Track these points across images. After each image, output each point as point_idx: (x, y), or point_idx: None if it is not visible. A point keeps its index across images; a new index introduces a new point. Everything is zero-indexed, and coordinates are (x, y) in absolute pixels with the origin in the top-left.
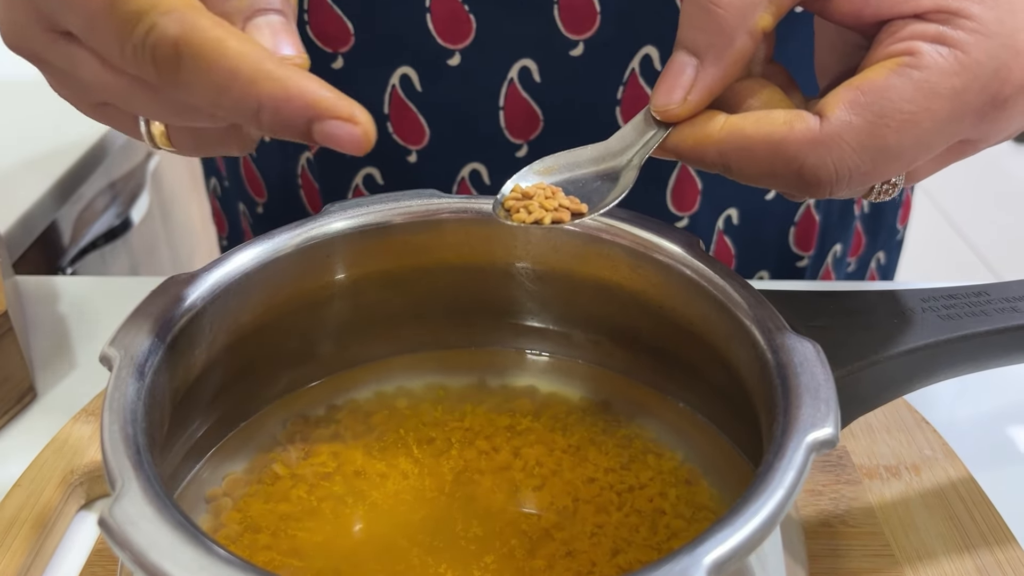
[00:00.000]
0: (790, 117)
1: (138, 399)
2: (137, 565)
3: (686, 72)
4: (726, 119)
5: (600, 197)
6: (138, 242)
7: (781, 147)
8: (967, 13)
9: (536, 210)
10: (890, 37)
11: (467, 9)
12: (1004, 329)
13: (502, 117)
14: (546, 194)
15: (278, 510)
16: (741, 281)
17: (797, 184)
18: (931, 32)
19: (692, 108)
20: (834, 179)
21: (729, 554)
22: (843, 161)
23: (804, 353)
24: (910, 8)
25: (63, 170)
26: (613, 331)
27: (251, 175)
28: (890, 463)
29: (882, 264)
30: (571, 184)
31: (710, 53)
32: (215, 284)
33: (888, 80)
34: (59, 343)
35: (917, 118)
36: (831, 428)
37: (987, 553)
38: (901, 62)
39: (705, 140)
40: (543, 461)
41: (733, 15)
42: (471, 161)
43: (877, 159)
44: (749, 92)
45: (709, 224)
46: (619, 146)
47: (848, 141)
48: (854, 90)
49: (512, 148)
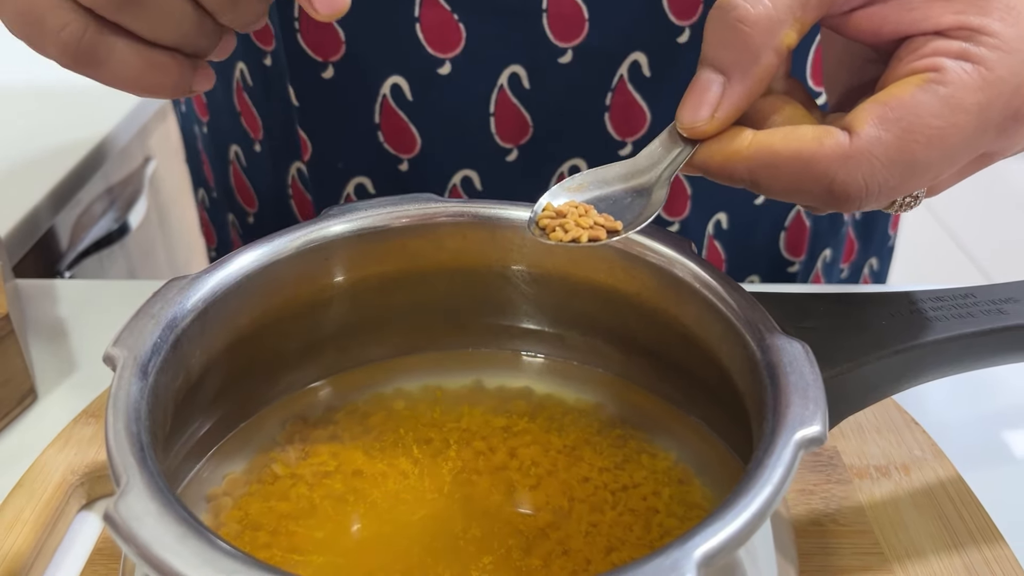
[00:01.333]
0: (819, 133)
1: (141, 398)
2: (142, 559)
3: (712, 89)
4: (754, 135)
5: (631, 213)
6: (135, 246)
7: (811, 163)
8: (989, 30)
9: (572, 228)
10: (912, 54)
11: (457, 19)
12: (991, 330)
13: (493, 123)
14: (579, 212)
15: (277, 509)
16: (733, 283)
17: (826, 199)
18: (954, 49)
19: (719, 125)
20: (864, 194)
21: (719, 547)
22: (873, 176)
23: (793, 353)
24: (931, 25)
25: (61, 175)
26: (607, 333)
27: (241, 185)
28: (880, 463)
29: (875, 270)
30: (601, 202)
31: (736, 70)
32: (216, 286)
33: (915, 96)
34: (59, 345)
35: (944, 133)
36: (819, 426)
37: (975, 551)
38: (927, 78)
39: (734, 156)
40: (539, 461)
41: (760, 33)
42: (463, 168)
43: (905, 173)
44: (772, 108)
45: (699, 229)
46: (647, 163)
47: (878, 156)
48: (882, 106)
49: (503, 153)
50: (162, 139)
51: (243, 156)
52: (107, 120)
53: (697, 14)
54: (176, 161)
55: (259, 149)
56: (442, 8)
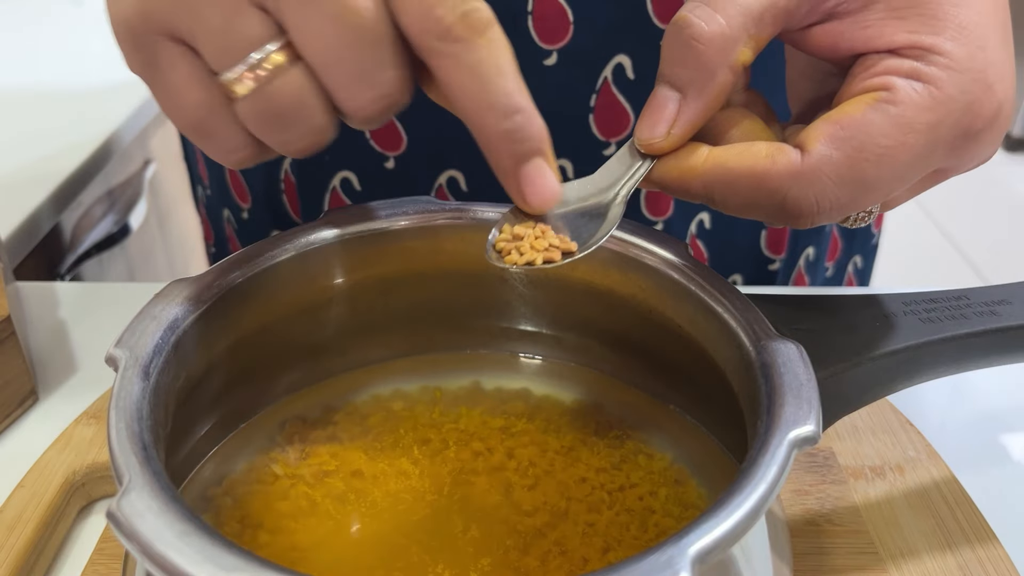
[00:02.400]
0: (772, 150)
1: (143, 398)
2: (144, 556)
3: (668, 106)
4: (709, 152)
5: (588, 232)
6: (135, 249)
7: (764, 180)
8: (940, 49)
9: (527, 251)
10: (865, 71)
11: None
12: (983, 332)
13: None
14: (536, 234)
15: (277, 508)
16: (727, 285)
17: (779, 215)
18: (905, 68)
19: (675, 142)
20: (815, 210)
21: (713, 544)
22: (824, 194)
23: (788, 354)
24: (884, 43)
25: (62, 177)
26: (604, 334)
27: (236, 181)
28: (875, 464)
29: (859, 268)
30: (560, 220)
31: (692, 88)
32: (217, 288)
33: (865, 115)
34: (60, 347)
35: (893, 152)
36: (813, 425)
37: (969, 551)
38: (877, 97)
39: (689, 173)
40: (536, 462)
41: (714, 51)
42: (448, 168)
43: (856, 191)
44: (730, 123)
45: (682, 229)
46: (606, 181)
47: (828, 174)
48: (833, 124)
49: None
50: (162, 142)
51: None
52: (108, 123)
53: None
54: (176, 164)
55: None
56: None
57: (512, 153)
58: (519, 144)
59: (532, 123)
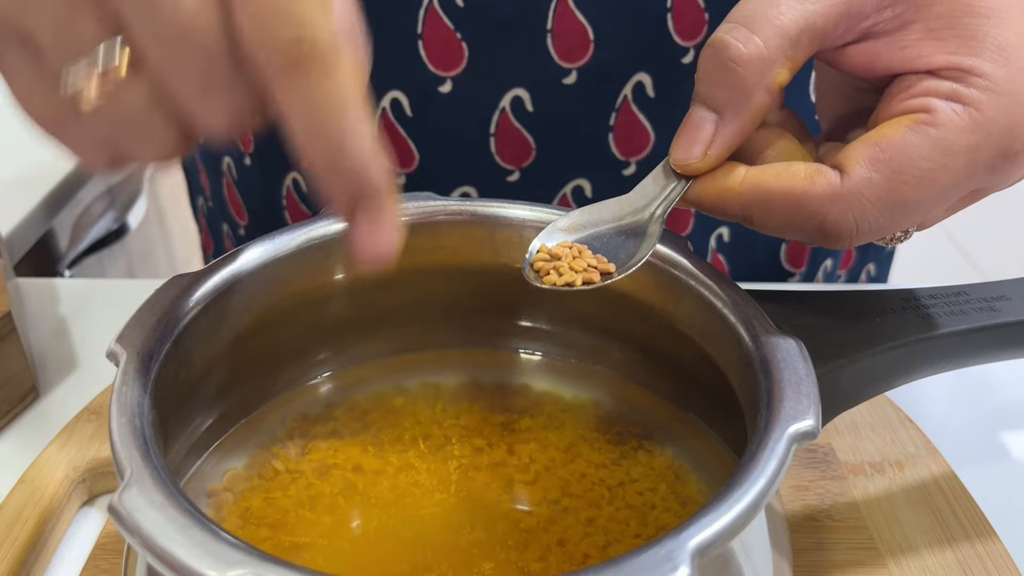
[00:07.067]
0: (811, 171)
1: (144, 393)
2: (146, 549)
3: (705, 127)
4: (747, 172)
5: (626, 252)
6: (135, 246)
7: (803, 201)
8: (980, 71)
9: (566, 272)
10: (903, 92)
11: (459, 37)
12: (982, 328)
13: (493, 144)
14: (573, 254)
15: (278, 503)
16: (728, 281)
17: (818, 236)
18: (945, 89)
19: (712, 163)
20: (854, 232)
21: (712, 538)
22: (863, 216)
23: (787, 350)
24: (923, 64)
25: (62, 175)
26: (604, 331)
27: (233, 198)
28: (874, 460)
29: (872, 275)
30: (596, 240)
31: (729, 109)
32: (217, 283)
33: (905, 137)
34: (60, 344)
35: (934, 174)
36: (812, 420)
37: (968, 547)
38: (917, 119)
39: (727, 193)
40: (537, 458)
41: (752, 73)
42: (461, 185)
43: (895, 213)
44: (766, 142)
45: (703, 243)
46: (641, 201)
47: (868, 197)
48: (872, 146)
49: (503, 174)
50: None
51: (234, 169)
52: None
53: (702, 34)
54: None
55: (249, 163)
56: (445, 25)
57: (344, 194)
58: (351, 186)
59: (367, 165)
